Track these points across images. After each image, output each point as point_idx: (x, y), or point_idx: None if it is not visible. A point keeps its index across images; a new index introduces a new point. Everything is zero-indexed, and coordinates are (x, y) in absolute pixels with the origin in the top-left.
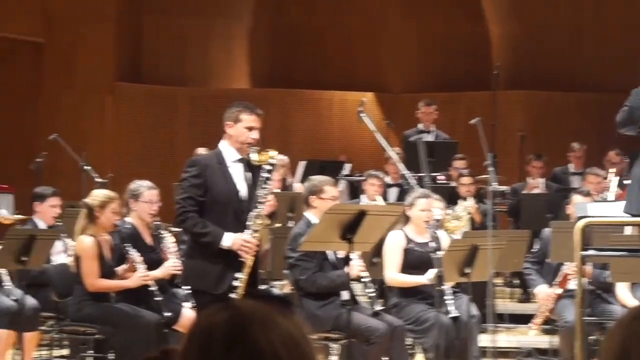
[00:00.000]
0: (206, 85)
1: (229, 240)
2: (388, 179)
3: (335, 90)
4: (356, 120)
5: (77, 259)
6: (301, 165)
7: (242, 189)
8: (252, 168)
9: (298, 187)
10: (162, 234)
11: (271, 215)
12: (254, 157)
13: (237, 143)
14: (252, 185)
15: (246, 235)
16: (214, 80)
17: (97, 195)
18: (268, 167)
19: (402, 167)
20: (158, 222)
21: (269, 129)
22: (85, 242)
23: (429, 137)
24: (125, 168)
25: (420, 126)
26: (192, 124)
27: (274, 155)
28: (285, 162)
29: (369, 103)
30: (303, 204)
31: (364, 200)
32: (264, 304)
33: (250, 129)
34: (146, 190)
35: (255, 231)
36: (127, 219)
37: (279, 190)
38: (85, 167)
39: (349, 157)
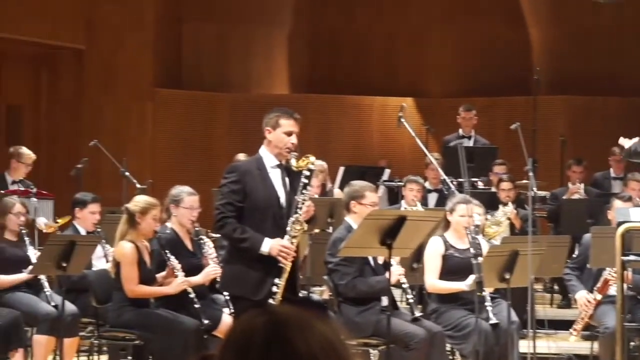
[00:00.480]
0: (246, 91)
1: (267, 245)
2: (428, 185)
3: (375, 96)
4: (396, 126)
5: (117, 264)
6: (341, 171)
7: (282, 195)
8: (291, 174)
9: (337, 192)
10: (202, 240)
11: (310, 221)
12: (293, 162)
13: (276, 148)
14: (291, 191)
15: (285, 240)
16: (254, 86)
17: (139, 201)
18: (307, 173)
19: (442, 173)
20: (198, 228)
21: (309, 134)
22: (125, 247)
23: (469, 143)
24: (165, 174)
25: (460, 131)
26: (232, 129)
27: (313, 161)
28: (324, 168)
29: (408, 108)
30: (343, 209)
31: (403, 206)
32: (301, 308)
33: (289, 134)
34: (187, 196)
35: (294, 237)
36: (168, 225)
37: (317, 196)
38: (126, 173)
39: (389, 162)
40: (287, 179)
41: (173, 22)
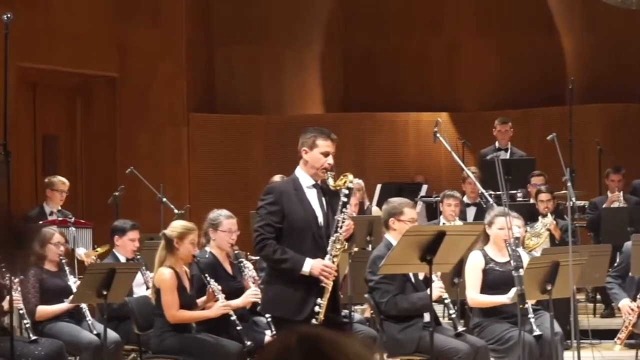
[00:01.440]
0: (280, 112)
1: (309, 266)
2: (465, 199)
3: (410, 112)
4: (432, 141)
5: (157, 290)
6: (378, 189)
7: (320, 214)
8: (327, 193)
9: (375, 210)
10: (241, 263)
11: (349, 239)
12: (330, 182)
13: (312, 169)
14: (329, 210)
15: (326, 260)
16: (288, 107)
17: (176, 226)
18: (346, 192)
19: (479, 186)
20: (237, 251)
21: (344, 153)
22: (164, 273)
23: (506, 155)
24: (202, 198)
25: (497, 144)
26: (267, 151)
27: (351, 179)
28: (361, 186)
29: (444, 123)
30: (382, 227)
31: (442, 221)
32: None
33: (325, 154)
34: (225, 219)
35: (335, 256)
36: (207, 249)
37: (355, 214)
38: (163, 199)
39: (426, 178)
40: (324, 199)
41: (205, 45)
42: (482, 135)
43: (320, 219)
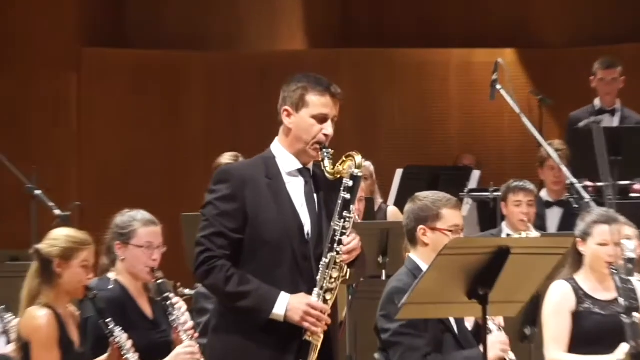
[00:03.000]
0: (236, 46)
1: (284, 305)
2: (544, 194)
3: (452, 48)
4: (487, 97)
5: (25, 345)
6: (398, 176)
7: (307, 220)
8: (322, 184)
9: (393, 212)
10: (168, 300)
11: (354, 263)
12: (327, 166)
13: (299, 143)
14: (324, 213)
15: (313, 297)
16: (249, 38)
17: (58, 238)
18: (349, 183)
19: (567, 173)
20: (162, 280)
21: (342, 117)
22: (38, 318)
23: (613, 121)
24: (102, 191)
25: (597, 102)
26: (213, 111)
27: (360, 163)
28: (370, 173)
29: (508, 66)
30: (404, 240)
31: (505, 230)
32: None
33: (322, 118)
34: (141, 227)
35: (328, 290)
36: (110, 276)
37: (359, 219)
38: (36, 192)
39: (478, 159)
40: (315, 194)
41: None
42: (571, 87)
43: (308, 228)
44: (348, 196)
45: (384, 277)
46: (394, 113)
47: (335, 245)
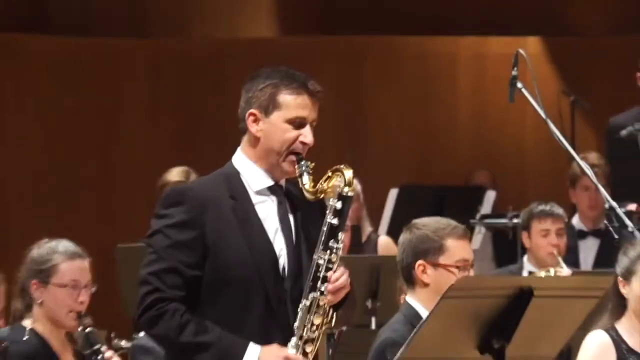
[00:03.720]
0: (186, 32)
1: (253, 359)
2: (576, 221)
3: (464, 36)
4: (504, 98)
5: None
6: (392, 196)
7: (283, 252)
8: (300, 206)
9: (385, 242)
10: (99, 353)
11: (340, 306)
12: (306, 182)
13: (269, 154)
14: (302, 244)
15: (290, 350)
16: (203, 22)
17: None
18: (337, 205)
19: (606, 195)
20: (91, 329)
21: (324, 121)
22: None
23: None
24: (12, 210)
25: None
26: (157, 112)
27: (349, 178)
28: (356, 192)
29: (532, 58)
30: (398, 279)
31: (527, 267)
32: None
33: (298, 123)
34: (64, 260)
35: (309, 341)
36: (25, 324)
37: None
38: None
39: (494, 176)
40: (292, 217)
41: None
42: (611, 86)
43: (284, 261)
44: (335, 221)
45: (373, 326)
46: (388, 117)
47: (319, 284)
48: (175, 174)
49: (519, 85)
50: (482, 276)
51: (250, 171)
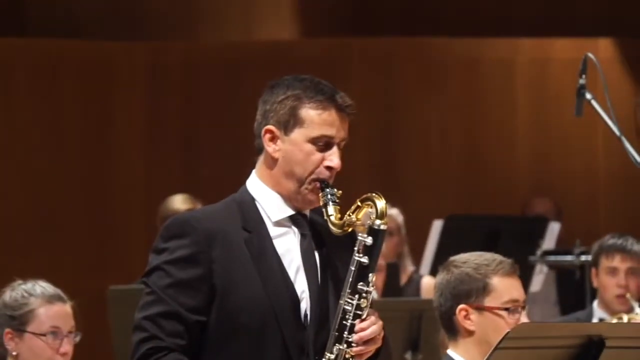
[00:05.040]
0: (195, 35)
1: None
2: None
3: (518, 37)
4: (570, 111)
5: None
6: (436, 230)
7: (305, 295)
8: (325, 241)
9: (429, 284)
10: None
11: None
12: (333, 215)
13: (289, 179)
14: (328, 285)
15: None
16: (211, 24)
17: None
18: (368, 240)
19: None
20: None
21: (354, 138)
22: None
23: None
24: None
25: None
26: (157, 127)
27: (382, 209)
28: (396, 224)
29: (602, 63)
30: (440, 327)
31: (598, 313)
32: None
33: (324, 143)
34: (42, 304)
35: None
36: None
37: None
38: None
39: (558, 204)
40: (317, 254)
41: None
42: None
43: (306, 306)
44: (365, 260)
45: None
46: (428, 135)
47: (346, 334)
48: (179, 202)
49: (588, 95)
50: (543, 323)
51: (266, 198)
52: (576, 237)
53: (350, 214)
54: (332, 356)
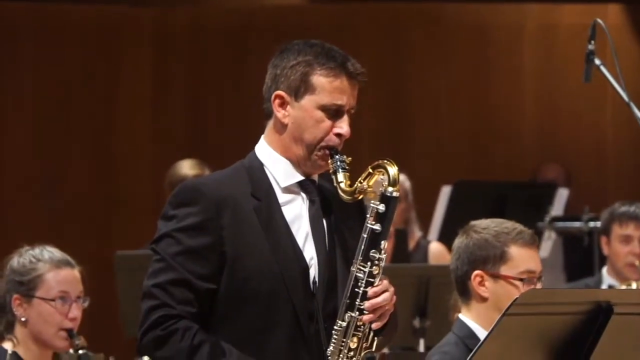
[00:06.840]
0: (201, 1)
1: None
2: None
3: (526, 2)
4: (578, 77)
5: None
6: (445, 194)
7: (314, 262)
8: (335, 207)
9: (437, 250)
10: None
11: (382, 330)
12: (343, 182)
13: (298, 145)
14: (338, 252)
15: None
16: None
17: None
18: (381, 207)
19: None
20: (84, 350)
21: (363, 106)
22: None
23: None
24: None
25: None
26: (165, 95)
27: (393, 175)
28: (404, 190)
29: (611, 29)
30: (453, 294)
31: (607, 280)
32: None
33: (335, 110)
34: (50, 270)
35: None
36: (6, 347)
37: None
38: None
39: (567, 170)
40: (325, 220)
41: None
42: None
43: (314, 272)
44: (378, 227)
45: (421, 349)
46: (438, 101)
47: (358, 301)
48: (187, 167)
49: (597, 61)
50: (552, 290)
51: (275, 163)
52: (584, 204)
53: (362, 180)
54: (344, 323)
